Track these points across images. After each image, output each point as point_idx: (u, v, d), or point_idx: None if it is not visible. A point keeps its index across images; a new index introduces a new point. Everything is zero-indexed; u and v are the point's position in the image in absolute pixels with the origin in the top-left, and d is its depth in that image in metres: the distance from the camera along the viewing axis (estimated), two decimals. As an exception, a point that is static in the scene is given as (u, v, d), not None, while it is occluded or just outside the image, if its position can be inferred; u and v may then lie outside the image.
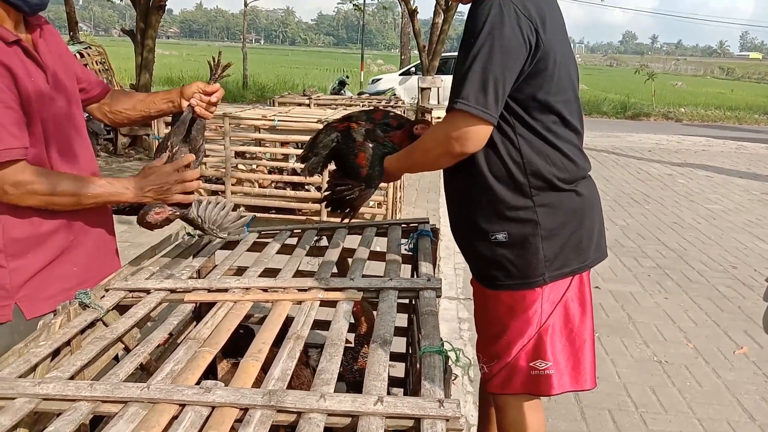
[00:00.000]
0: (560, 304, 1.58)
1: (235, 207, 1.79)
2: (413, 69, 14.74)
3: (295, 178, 5.33)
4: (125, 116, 1.75)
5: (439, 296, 1.44)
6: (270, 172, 5.53)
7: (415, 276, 1.86)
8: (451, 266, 4.40)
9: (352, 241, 1.94)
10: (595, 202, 1.62)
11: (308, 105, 7.32)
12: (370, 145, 1.71)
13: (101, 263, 1.60)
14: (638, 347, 3.32)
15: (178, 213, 1.55)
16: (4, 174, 1.33)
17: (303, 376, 1.84)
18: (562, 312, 1.58)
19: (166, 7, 8.19)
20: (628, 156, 9.96)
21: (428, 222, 2.03)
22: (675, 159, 10.01)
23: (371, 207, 5.29)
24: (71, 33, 10.14)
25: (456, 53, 1.62)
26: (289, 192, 5.32)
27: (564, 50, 1.50)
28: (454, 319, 3.53)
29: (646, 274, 4.53)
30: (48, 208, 1.42)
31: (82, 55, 7.71)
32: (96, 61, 7.92)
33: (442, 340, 1.19)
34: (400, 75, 15.43)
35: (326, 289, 1.48)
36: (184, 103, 1.65)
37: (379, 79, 15.82)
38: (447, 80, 11.81)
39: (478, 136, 1.42)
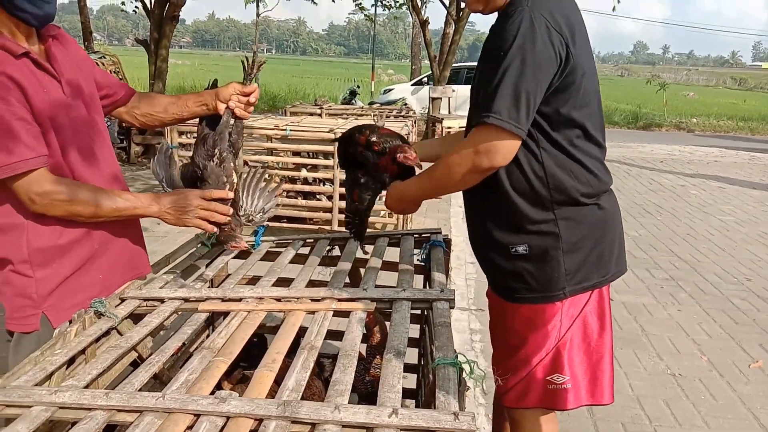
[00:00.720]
0: (579, 318, 1.56)
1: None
2: (425, 79, 14.72)
3: (307, 188, 5.34)
4: (157, 119, 1.75)
5: (452, 307, 1.43)
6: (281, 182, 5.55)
7: (428, 287, 1.85)
8: (463, 277, 4.39)
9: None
10: (616, 216, 1.60)
11: (320, 115, 7.35)
12: (362, 180, 1.73)
13: (128, 270, 1.61)
14: (651, 360, 3.29)
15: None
16: (27, 184, 1.36)
17: (314, 387, 1.84)
18: (581, 326, 1.57)
19: (180, 17, 8.27)
20: (640, 166, 9.91)
21: (440, 232, 2.02)
22: (687, 170, 9.95)
23: (382, 216, 5.29)
24: (86, 43, 10.27)
25: (467, 63, 1.63)
26: (301, 201, 5.33)
27: (589, 62, 1.48)
28: (466, 330, 3.52)
29: (659, 285, 4.49)
30: (72, 219, 1.44)
31: (96, 65, 7.79)
32: (110, 71, 8.00)
33: (456, 352, 1.18)
34: (411, 85, 15.43)
35: (339, 300, 1.48)
36: (220, 106, 1.63)
37: (391, 89, 15.85)
38: (460, 90, 11.82)
39: (507, 150, 1.39)
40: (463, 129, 1.72)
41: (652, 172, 9.56)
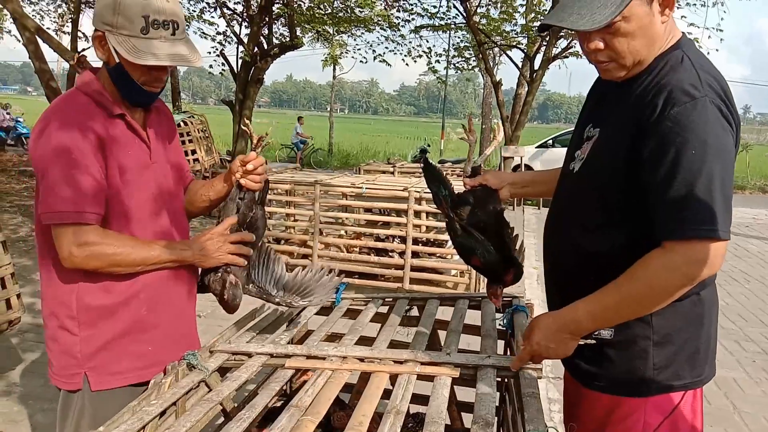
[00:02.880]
0: (668, 420, 1.39)
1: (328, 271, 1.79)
2: (550, 141, 14.22)
3: (379, 244, 5.39)
4: (196, 207, 1.74)
5: (540, 377, 1.39)
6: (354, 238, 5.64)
7: (508, 353, 1.81)
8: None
9: (443, 312, 1.93)
10: (714, 311, 1.45)
11: (392, 173, 7.48)
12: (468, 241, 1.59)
13: (179, 348, 1.54)
14: (746, 441, 3.05)
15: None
16: (72, 235, 1.40)
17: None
18: (669, 430, 1.40)
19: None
20: (723, 231, 9.42)
21: (523, 296, 1.98)
22: (776, 235, 9.42)
23: (453, 275, 5.25)
24: (175, 102, 10.98)
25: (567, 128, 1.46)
26: (373, 257, 5.38)
27: None
28: (544, 399, 3.38)
29: (750, 359, 4.19)
30: (110, 271, 1.45)
31: (185, 123, 8.31)
32: (198, 129, 8.49)
33: (546, 426, 1.14)
34: (536, 147, 14.79)
35: (423, 363, 1.47)
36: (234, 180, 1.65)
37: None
38: (554, 153, 11.62)
39: (723, 257, 1.25)
40: (558, 168, 1.60)
41: (737, 237, 9.08)
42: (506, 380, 1.66)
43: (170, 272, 1.55)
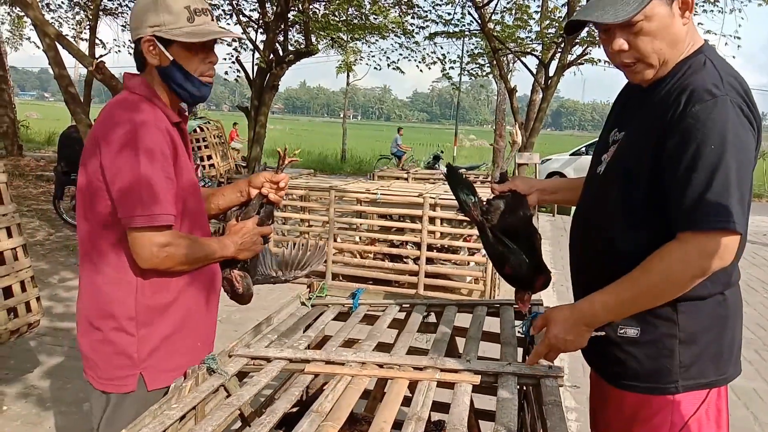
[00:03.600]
0: (693, 418, 1.41)
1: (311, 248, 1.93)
2: (584, 149, 14.14)
3: (394, 250, 5.39)
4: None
5: (561, 385, 1.38)
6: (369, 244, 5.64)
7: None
8: (552, 349, 4.22)
9: (461, 318, 1.92)
10: (738, 312, 1.47)
11: (406, 179, 7.48)
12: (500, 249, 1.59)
13: (211, 343, 1.66)
14: (768, 453, 3.00)
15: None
16: (154, 236, 1.42)
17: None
18: (695, 429, 1.41)
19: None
20: (741, 239, 9.31)
21: (542, 304, 1.97)
22: (795, 244, 9.28)
23: (468, 282, 5.23)
24: (190, 108, 11.05)
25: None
26: (387, 263, 5.38)
27: None
28: (558, 406, 3.34)
29: (770, 369, 4.13)
30: (179, 269, 1.49)
31: (202, 129, 8.37)
32: (214, 135, 8.56)
33: (570, 433, 1.13)
34: (569, 155, 14.70)
35: (443, 370, 1.46)
36: (253, 192, 1.72)
37: (548, 159, 14.84)
38: (587, 160, 11.60)
39: (735, 250, 1.28)
40: (583, 177, 1.63)
41: (755, 245, 8.97)
42: (524, 388, 1.65)
43: (207, 268, 1.59)
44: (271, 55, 8.62)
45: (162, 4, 1.45)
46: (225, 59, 9.75)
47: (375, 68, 13.33)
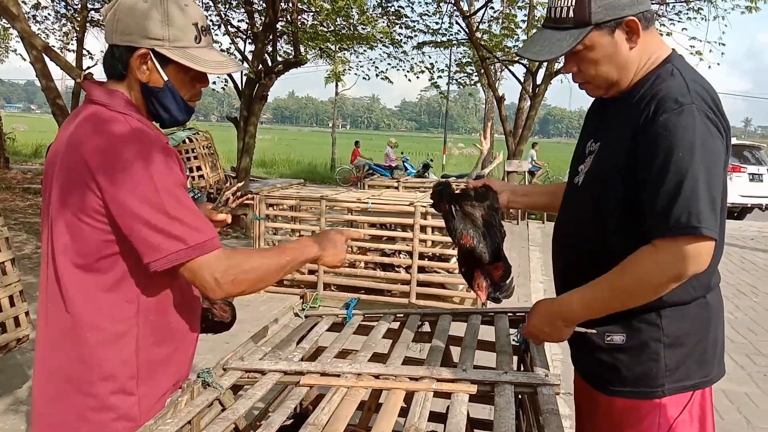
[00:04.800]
0: (678, 420, 1.43)
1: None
2: None
3: (386, 260, 5.38)
4: None
5: (558, 393, 1.38)
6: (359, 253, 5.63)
7: (522, 369, 1.80)
8: (549, 358, 4.22)
9: (456, 327, 1.91)
10: (720, 314, 1.50)
11: (396, 188, 7.48)
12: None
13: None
14: (761, 457, 3.01)
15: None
16: (210, 264, 1.24)
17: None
18: (681, 431, 1.43)
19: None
20: (728, 244, 9.36)
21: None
22: (782, 248, 9.37)
23: (460, 291, 5.23)
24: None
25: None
26: (379, 272, 5.37)
27: None
28: (552, 413, 3.34)
29: (762, 373, 4.16)
30: (256, 288, 1.35)
31: (191, 140, 8.34)
32: (203, 146, 8.53)
33: (568, 441, 1.13)
34: None
35: (439, 380, 1.45)
36: None
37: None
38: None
39: (710, 255, 1.30)
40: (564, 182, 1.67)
41: (743, 250, 9.04)
42: (521, 396, 1.65)
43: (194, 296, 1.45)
44: (260, 66, 8.62)
45: (171, 15, 1.26)
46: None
47: (363, 78, 13.38)
